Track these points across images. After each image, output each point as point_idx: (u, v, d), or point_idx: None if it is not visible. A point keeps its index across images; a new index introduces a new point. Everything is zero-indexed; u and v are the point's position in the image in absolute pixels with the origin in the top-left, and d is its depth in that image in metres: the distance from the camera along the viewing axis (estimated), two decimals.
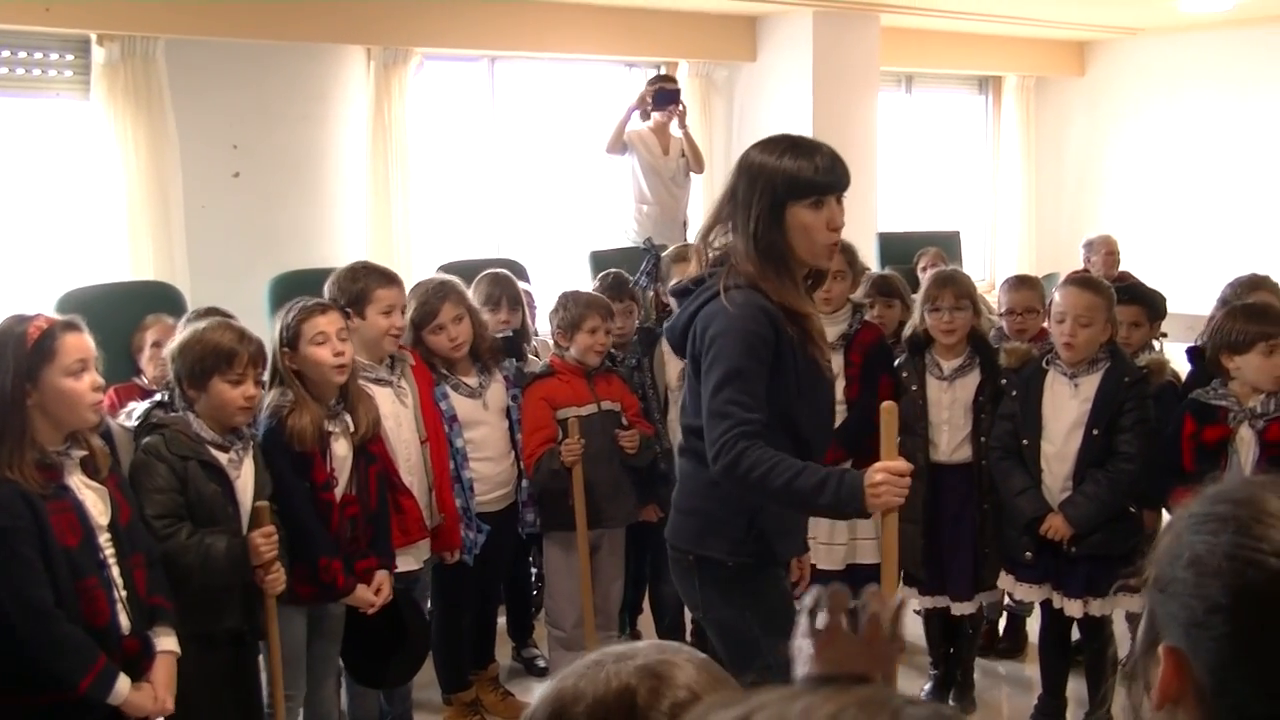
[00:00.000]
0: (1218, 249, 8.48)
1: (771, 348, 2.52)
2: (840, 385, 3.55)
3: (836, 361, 3.54)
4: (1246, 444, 3.28)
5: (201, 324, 2.99)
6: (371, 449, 3.25)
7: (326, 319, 3.17)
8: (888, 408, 2.40)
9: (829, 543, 3.88)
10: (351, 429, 3.19)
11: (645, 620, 4.47)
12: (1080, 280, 3.73)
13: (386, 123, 6.46)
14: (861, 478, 2.37)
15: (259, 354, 2.98)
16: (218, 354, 2.88)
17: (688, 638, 4.25)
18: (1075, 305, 3.54)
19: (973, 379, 3.85)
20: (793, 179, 2.54)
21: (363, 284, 3.46)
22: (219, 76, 6.02)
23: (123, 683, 2.52)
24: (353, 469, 3.20)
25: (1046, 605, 3.76)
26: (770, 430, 2.48)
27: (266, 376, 3.07)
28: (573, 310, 3.90)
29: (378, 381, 3.47)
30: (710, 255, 2.66)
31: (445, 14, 6.52)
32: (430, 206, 6.83)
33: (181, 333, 3.04)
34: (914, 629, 4.45)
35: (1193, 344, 3.68)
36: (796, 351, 2.56)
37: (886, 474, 2.35)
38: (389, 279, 3.54)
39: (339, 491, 3.16)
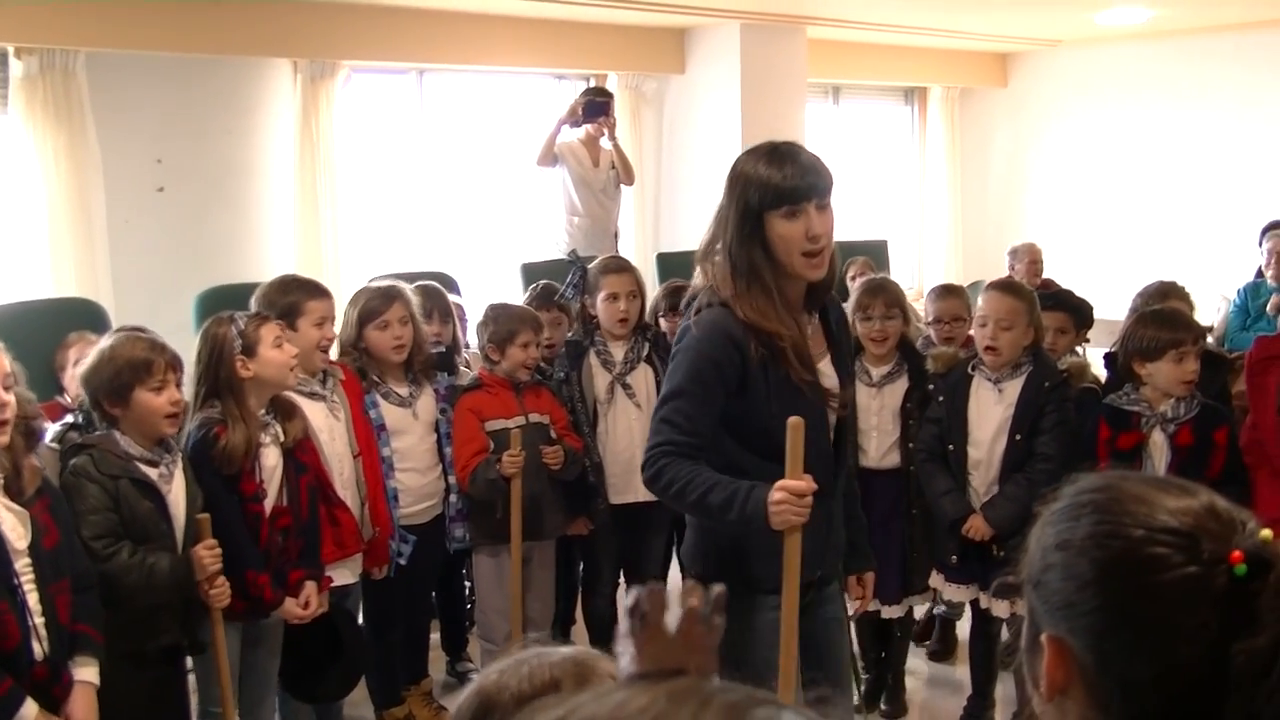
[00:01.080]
0: (1137, 256, 8.67)
1: (734, 370, 2.48)
2: None
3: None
4: (1159, 448, 3.37)
5: (108, 342, 2.96)
6: (302, 459, 3.23)
7: (274, 325, 3.19)
8: (794, 424, 2.33)
9: None
10: (281, 437, 3.17)
11: (579, 633, 4.47)
12: (1002, 285, 3.80)
13: (314, 136, 6.42)
14: (766, 494, 2.33)
15: (175, 360, 2.97)
16: (134, 366, 2.86)
17: None
18: (997, 310, 3.62)
19: (901, 385, 3.91)
20: (764, 187, 2.47)
21: (294, 297, 3.45)
22: (142, 90, 5.94)
23: (29, 708, 2.45)
24: (283, 479, 3.18)
25: (975, 606, 3.83)
26: (748, 451, 2.48)
27: (191, 391, 3.05)
28: (504, 325, 3.91)
29: (311, 395, 3.46)
30: (712, 269, 2.58)
31: (372, 26, 6.49)
32: (359, 220, 6.80)
33: (90, 355, 2.99)
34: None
35: (1109, 350, 3.77)
36: (768, 370, 2.48)
37: (785, 493, 2.32)
38: (319, 291, 3.54)
39: (269, 503, 3.14)
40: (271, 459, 3.16)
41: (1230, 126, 8.90)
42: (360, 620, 3.79)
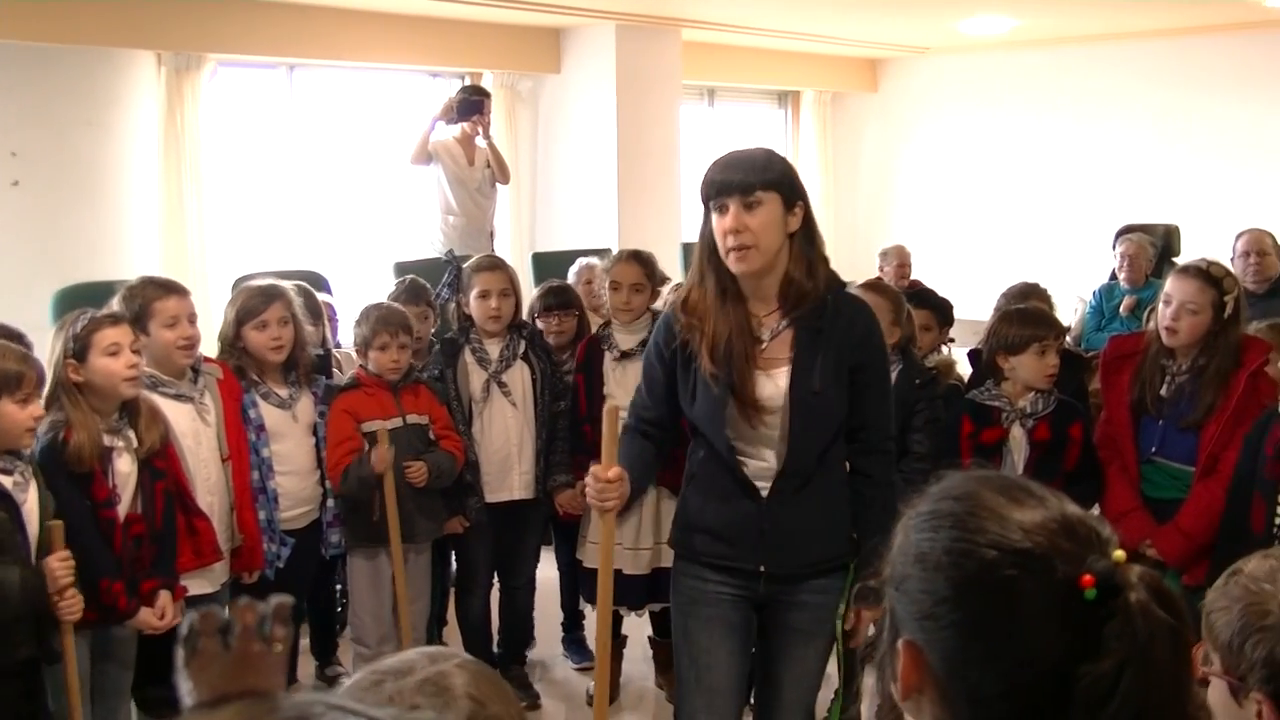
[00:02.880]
0: (1000, 258, 8.95)
1: (670, 354, 2.70)
2: None
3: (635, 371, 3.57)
4: (1019, 443, 3.48)
5: None
6: (158, 465, 3.14)
7: (118, 330, 3.07)
8: (608, 410, 2.51)
9: (634, 548, 3.93)
10: (135, 444, 3.08)
11: (451, 633, 4.44)
12: (867, 285, 3.89)
13: (179, 130, 6.26)
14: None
15: (42, 374, 2.90)
16: (5, 377, 2.77)
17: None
18: None
19: None
20: (702, 185, 2.62)
21: (143, 298, 3.32)
22: None
23: None
24: (138, 486, 3.09)
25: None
26: (695, 433, 2.73)
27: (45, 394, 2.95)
28: (364, 327, 3.87)
29: (177, 397, 3.36)
30: None
31: (240, 19, 6.35)
32: (227, 217, 6.65)
33: None
34: None
35: (973, 348, 3.88)
36: (693, 362, 2.64)
37: (594, 478, 2.52)
38: (170, 290, 3.41)
39: (122, 510, 3.05)
40: (125, 465, 3.07)
41: (1088, 133, 9.26)
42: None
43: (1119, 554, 1.01)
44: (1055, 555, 1.01)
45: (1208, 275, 3.34)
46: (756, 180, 2.54)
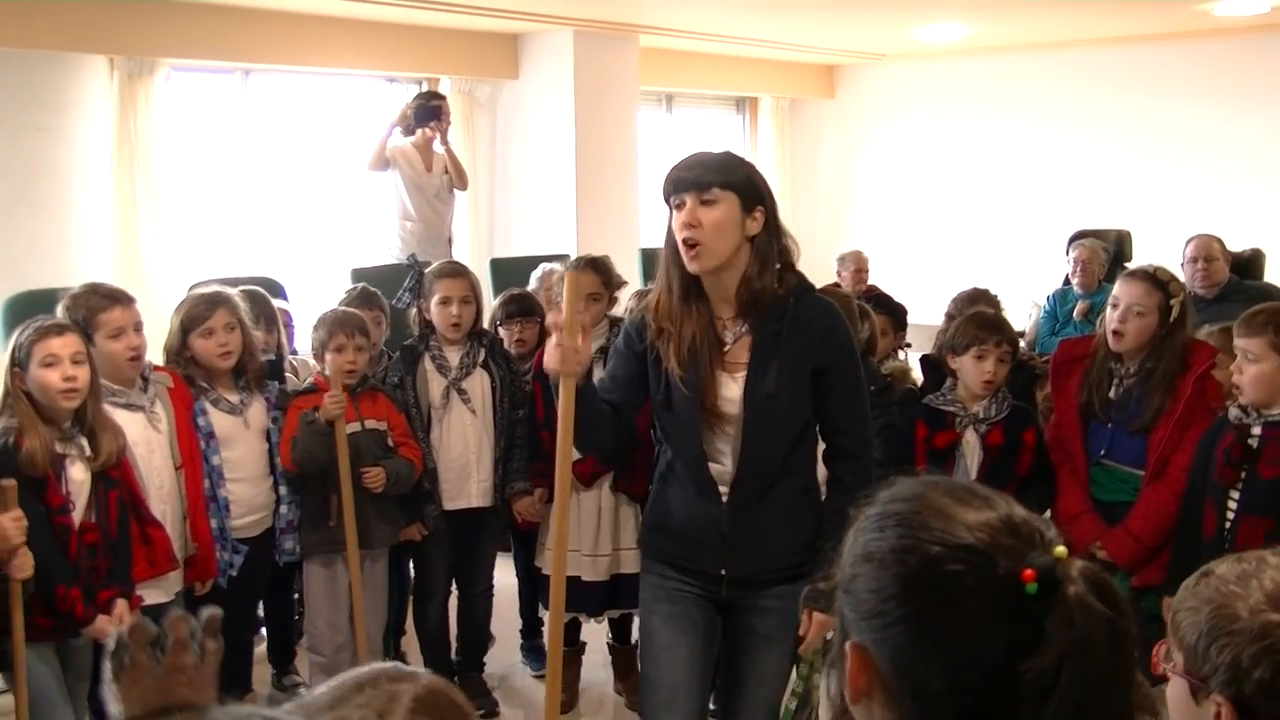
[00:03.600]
0: (956, 262, 9.03)
1: (640, 348, 2.74)
2: None
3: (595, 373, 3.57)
4: (972, 448, 3.51)
5: None
6: (112, 474, 3.11)
7: (61, 341, 3.03)
8: (571, 277, 2.65)
9: (593, 554, 3.94)
10: (89, 454, 3.06)
11: (409, 642, 4.42)
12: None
13: (132, 135, 6.20)
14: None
15: None
16: None
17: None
18: None
19: None
20: (663, 184, 2.66)
21: (87, 309, 3.28)
22: None
23: None
24: (92, 494, 3.06)
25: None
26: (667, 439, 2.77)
27: None
28: (320, 330, 3.86)
29: (128, 406, 3.33)
30: None
31: (194, 24, 6.30)
32: (182, 223, 6.59)
33: None
34: None
35: (925, 353, 3.92)
36: (661, 363, 2.68)
37: (558, 342, 2.55)
38: (115, 299, 3.36)
39: (77, 518, 3.02)
40: (79, 473, 3.04)
41: (1041, 139, 9.36)
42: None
43: (1060, 550, 1.03)
44: (998, 551, 1.03)
45: (1154, 279, 3.38)
46: (713, 179, 2.57)
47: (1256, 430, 3.04)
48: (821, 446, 2.80)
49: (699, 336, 2.63)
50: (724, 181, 2.57)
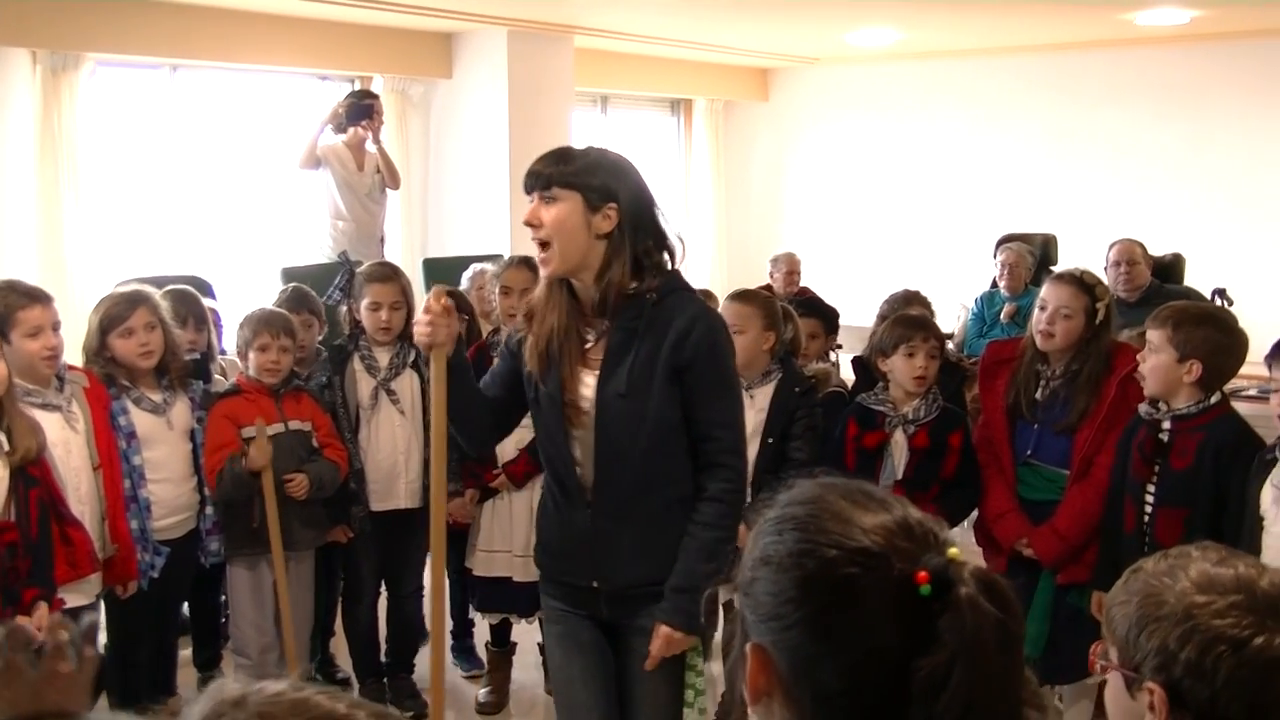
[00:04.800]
0: (886, 265, 9.13)
1: (515, 347, 2.68)
2: None
3: None
4: (899, 448, 3.56)
5: None
6: (32, 473, 3.05)
7: None
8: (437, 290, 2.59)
9: (525, 555, 3.93)
10: (7, 448, 2.99)
11: (338, 644, 4.38)
12: (735, 293, 3.94)
13: (56, 131, 6.08)
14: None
15: None
16: None
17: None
18: (727, 314, 3.78)
19: None
20: None
21: (3, 306, 3.22)
22: None
23: None
24: (11, 493, 3.00)
25: (730, 606, 3.94)
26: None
27: None
28: (245, 330, 3.82)
29: (44, 406, 3.27)
30: None
31: (119, 18, 6.19)
32: (108, 220, 6.47)
33: None
34: None
35: (857, 355, 3.97)
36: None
37: (425, 310, 2.52)
38: (34, 298, 3.30)
39: None
40: None
41: (970, 144, 9.50)
42: (103, 640, 3.61)
43: (954, 551, 1.05)
44: (893, 554, 1.05)
45: (1081, 282, 3.46)
46: (554, 177, 2.48)
47: (1166, 425, 3.15)
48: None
49: (558, 332, 2.55)
50: (565, 179, 2.47)
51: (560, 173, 2.48)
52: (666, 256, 2.60)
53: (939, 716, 1.00)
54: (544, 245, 2.50)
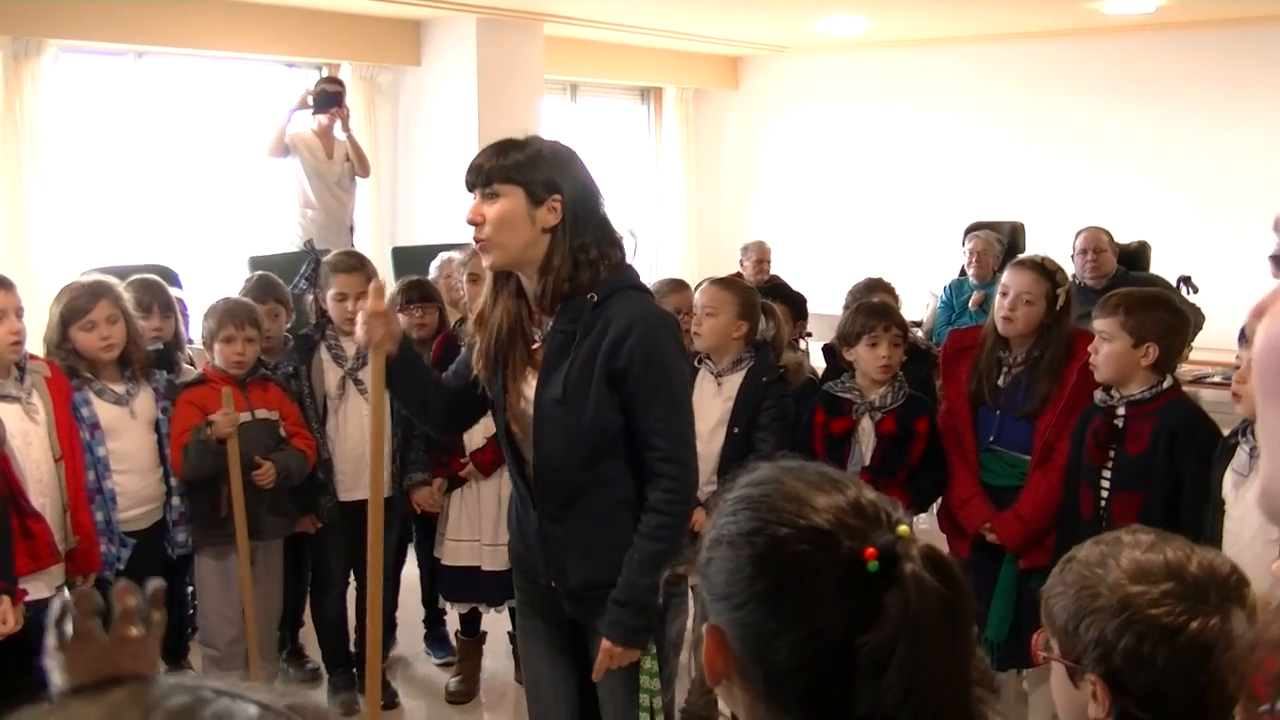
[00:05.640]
0: (856, 253, 9.16)
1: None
2: None
3: None
4: (867, 435, 3.58)
5: None
6: None
7: None
8: (375, 288, 2.61)
9: (493, 543, 3.94)
10: None
11: (307, 634, 4.37)
12: (715, 279, 3.97)
13: (18, 118, 6.03)
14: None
15: None
16: None
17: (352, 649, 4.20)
18: (702, 298, 3.82)
19: None
20: None
21: None
22: None
23: None
24: None
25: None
26: None
27: None
28: (209, 321, 3.80)
29: (3, 398, 3.23)
30: None
31: (81, 4, 6.13)
32: (72, 208, 6.42)
33: None
34: None
35: (826, 343, 3.98)
36: None
37: (363, 310, 2.52)
38: None
39: None
40: None
41: (939, 132, 9.54)
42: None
43: (903, 529, 1.07)
44: (842, 531, 1.06)
45: (1042, 268, 3.49)
46: (494, 173, 2.39)
47: (1121, 411, 3.18)
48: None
49: (504, 331, 2.48)
50: (506, 174, 2.38)
51: (500, 167, 2.39)
52: (615, 252, 2.48)
53: (884, 693, 1.02)
54: (479, 240, 2.41)
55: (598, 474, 2.48)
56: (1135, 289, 3.55)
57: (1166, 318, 3.17)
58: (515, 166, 2.39)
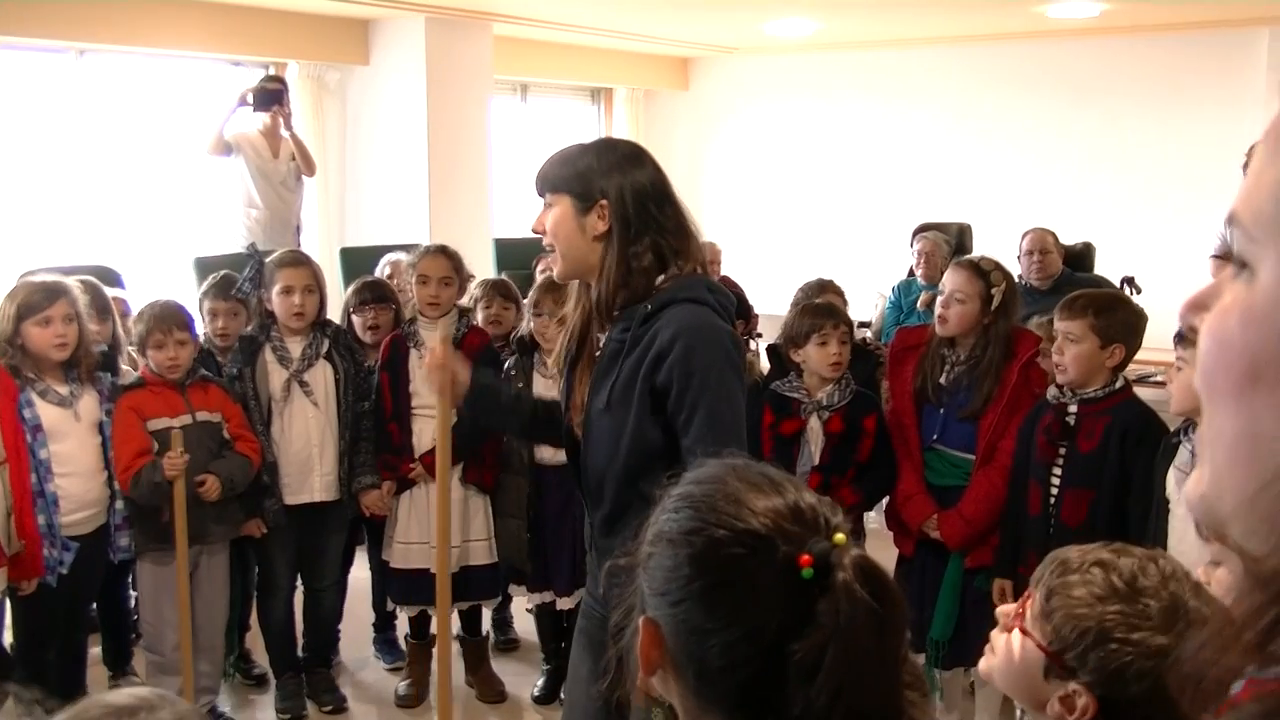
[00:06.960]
0: (805, 254, 9.20)
1: None
2: None
3: None
4: (815, 434, 3.60)
5: None
6: None
7: None
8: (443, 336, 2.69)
9: None
10: None
11: (254, 639, 4.33)
12: None
13: None
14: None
15: None
16: None
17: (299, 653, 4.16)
18: None
19: None
20: None
21: None
22: None
23: None
24: None
25: None
26: None
27: None
28: (139, 326, 3.76)
29: None
30: None
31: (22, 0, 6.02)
32: (13, 207, 6.30)
33: None
34: (527, 624, 4.58)
35: (771, 343, 4.00)
36: None
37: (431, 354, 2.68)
38: None
39: None
40: None
41: (887, 134, 9.61)
42: (8, 638, 3.53)
43: (840, 537, 1.08)
44: (779, 536, 1.07)
45: (977, 268, 3.53)
46: (545, 181, 2.41)
47: (1073, 408, 3.22)
48: None
49: (574, 336, 2.48)
50: (554, 183, 2.39)
51: (552, 175, 2.40)
52: (679, 260, 2.39)
53: (813, 698, 1.03)
54: (552, 250, 2.42)
55: (643, 494, 2.43)
56: (1096, 290, 3.60)
57: (1131, 319, 3.24)
58: (563, 175, 2.38)
